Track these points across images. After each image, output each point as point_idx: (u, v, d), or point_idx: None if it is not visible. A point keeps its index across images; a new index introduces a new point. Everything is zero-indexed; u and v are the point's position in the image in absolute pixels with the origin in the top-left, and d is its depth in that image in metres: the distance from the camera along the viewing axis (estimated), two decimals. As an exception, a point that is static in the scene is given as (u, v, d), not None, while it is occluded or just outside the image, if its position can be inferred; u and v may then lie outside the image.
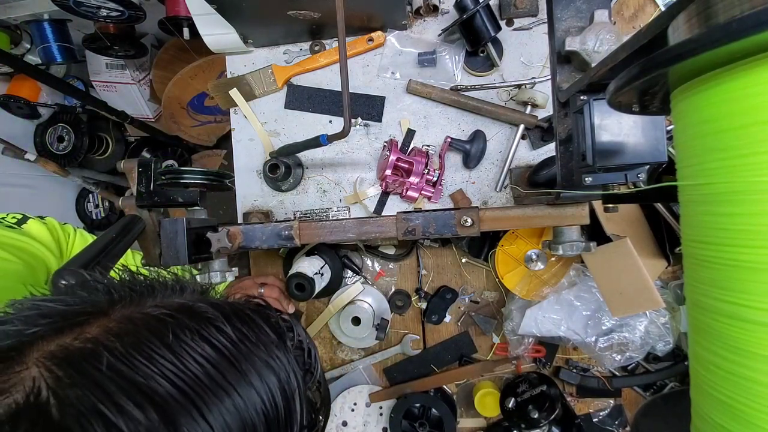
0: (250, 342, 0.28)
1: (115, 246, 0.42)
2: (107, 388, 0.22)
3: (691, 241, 0.27)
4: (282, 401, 0.27)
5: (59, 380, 0.22)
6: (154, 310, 0.27)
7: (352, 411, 0.85)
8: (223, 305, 0.29)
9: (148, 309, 0.27)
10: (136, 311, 0.27)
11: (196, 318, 0.27)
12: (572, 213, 0.57)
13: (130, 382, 0.23)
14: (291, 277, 0.72)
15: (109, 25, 1.09)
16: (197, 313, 0.27)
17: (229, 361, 0.26)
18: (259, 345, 0.28)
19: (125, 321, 0.26)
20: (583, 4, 0.44)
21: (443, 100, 0.75)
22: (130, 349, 0.24)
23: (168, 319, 0.26)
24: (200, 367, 0.25)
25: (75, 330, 0.25)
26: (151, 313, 0.27)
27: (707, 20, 0.22)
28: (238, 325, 0.28)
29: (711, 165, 0.24)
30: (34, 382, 0.22)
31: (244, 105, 0.79)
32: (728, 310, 0.24)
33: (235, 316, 0.28)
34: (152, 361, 0.24)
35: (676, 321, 0.72)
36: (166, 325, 0.26)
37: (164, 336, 0.25)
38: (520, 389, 0.77)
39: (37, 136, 1.38)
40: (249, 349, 0.27)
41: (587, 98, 0.41)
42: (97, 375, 0.23)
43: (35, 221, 0.65)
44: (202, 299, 0.30)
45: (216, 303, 0.29)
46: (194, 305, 0.28)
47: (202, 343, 0.26)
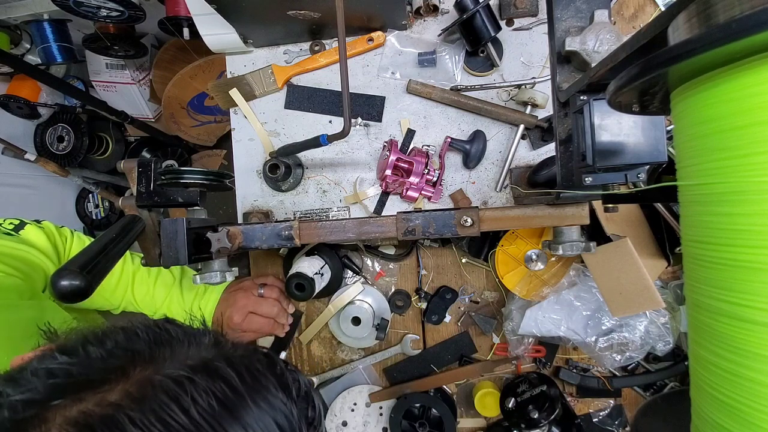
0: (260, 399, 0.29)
1: (115, 246, 0.42)
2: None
3: (691, 241, 0.27)
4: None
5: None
6: (173, 371, 0.28)
7: (352, 411, 0.85)
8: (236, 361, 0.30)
9: (167, 370, 0.28)
10: (155, 372, 0.28)
11: (211, 376, 0.28)
12: (572, 213, 0.57)
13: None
14: (291, 277, 0.72)
15: (109, 25, 1.08)
16: (213, 372, 0.29)
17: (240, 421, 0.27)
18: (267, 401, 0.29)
19: (145, 384, 0.27)
20: (583, 4, 0.44)
21: (443, 100, 0.75)
22: (150, 415, 0.25)
23: (185, 381, 0.27)
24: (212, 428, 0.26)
25: (96, 395, 0.26)
26: (170, 374, 0.27)
27: (707, 20, 0.22)
28: (249, 382, 0.29)
29: (711, 165, 0.24)
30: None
31: (244, 105, 0.79)
32: (728, 310, 0.24)
33: (247, 372, 0.30)
34: (169, 427, 0.25)
35: (676, 321, 0.72)
36: (184, 387, 0.27)
37: (182, 400, 0.26)
38: (520, 389, 0.77)
39: (37, 136, 1.38)
40: (258, 408, 0.29)
41: (587, 98, 0.41)
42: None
43: (32, 226, 0.64)
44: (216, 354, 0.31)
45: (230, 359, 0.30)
46: (210, 363, 0.29)
47: (215, 405, 0.27)
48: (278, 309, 0.77)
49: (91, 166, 1.46)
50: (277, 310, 0.77)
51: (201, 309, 0.75)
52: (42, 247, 0.63)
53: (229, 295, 0.76)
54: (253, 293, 0.77)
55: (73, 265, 0.35)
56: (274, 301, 0.77)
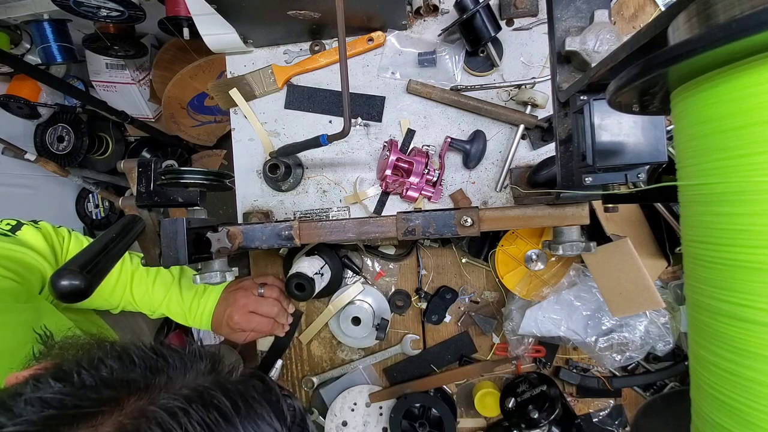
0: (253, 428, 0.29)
1: (115, 246, 0.42)
2: None
3: (691, 241, 0.27)
4: None
5: None
6: (167, 402, 0.28)
7: (352, 411, 0.85)
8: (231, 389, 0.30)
9: (162, 400, 0.28)
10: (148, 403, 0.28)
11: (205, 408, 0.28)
12: (572, 213, 0.57)
13: None
14: (291, 277, 0.72)
15: (109, 25, 1.09)
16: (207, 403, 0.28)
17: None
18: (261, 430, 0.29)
19: (138, 416, 0.27)
20: (583, 4, 0.44)
21: (443, 100, 0.75)
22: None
23: (179, 413, 0.27)
24: None
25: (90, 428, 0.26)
26: (164, 405, 0.27)
27: (707, 20, 0.22)
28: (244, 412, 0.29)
29: (711, 165, 0.24)
30: None
31: (244, 105, 0.79)
32: (728, 310, 0.24)
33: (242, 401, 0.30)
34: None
35: (676, 321, 0.72)
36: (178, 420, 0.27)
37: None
38: (520, 389, 0.77)
39: (37, 136, 1.38)
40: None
41: (587, 98, 0.41)
42: None
43: (29, 227, 0.64)
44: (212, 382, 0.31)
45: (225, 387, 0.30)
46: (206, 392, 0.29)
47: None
48: (278, 309, 0.77)
49: (91, 166, 1.46)
50: (277, 309, 0.77)
51: (200, 308, 0.75)
52: (39, 249, 0.63)
53: (229, 294, 0.76)
54: (253, 293, 0.76)
55: (73, 264, 0.35)
56: (274, 300, 0.77)
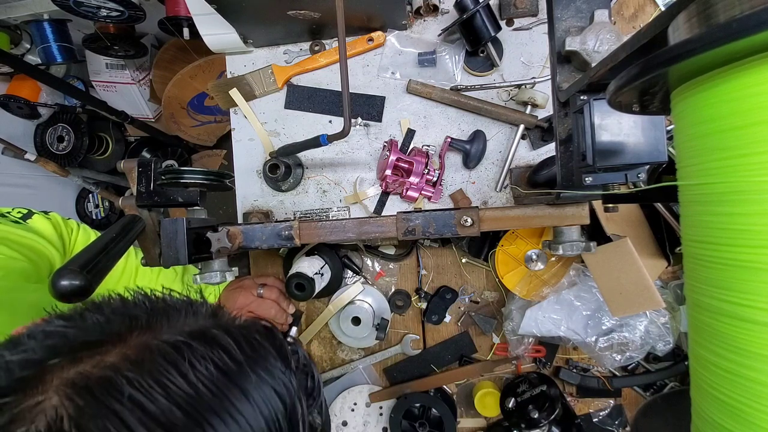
0: (259, 368, 0.29)
1: (115, 246, 0.42)
2: (128, 421, 0.23)
3: (691, 241, 0.27)
4: (286, 426, 0.28)
5: (80, 410, 0.23)
6: (170, 337, 0.28)
7: (352, 411, 0.85)
8: (234, 331, 0.30)
9: (165, 336, 0.28)
10: (152, 338, 0.28)
11: (209, 344, 0.28)
12: (572, 213, 0.57)
13: (149, 415, 0.24)
14: (291, 277, 0.72)
15: (109, 25, 1.08)
16: (211, 340, 0.28)
17: (239, 388, 0.27)
18: (267, 371, 0.29)
19: (142, 348, 0.27)
20: (583, 4, 0.44)
21: (443, 100, 0.75)
22: (148, 378, 0.25)
23: (183, 347, 0.27)
24: (211, 393, 0.26)
25: (94, 357, 0.26)
26: (167, 340, 0.27)
27: (707, 20, 0.22)
28: (248, 352, 0.29)
29: (711, 165, 0.24)
30: (56, 412, 0.23)
31: (244, 105, 0.79)
32: (728, 310, 0.24)
33: (245, 342, 0.30)
34: (168, 390, 0.25)
35: (676, 321, 0.72)
36: (182, 352, 0.27)
37: (180, 365, 0.26)
38: (520, 389, 0.77)
39: (37, 136, 1.38)
40: (258, 376, 0.29)
41: (587, 98, 0.41)
42: (117, 406, 0.23)
43: (40, 216, 0.65)
44: (214, 323, 0.31)
45: (228, 328, 0.30)
46: (208, 331, 0.29)
47: (214, 371, 0.27)
48: (276, 310, 0.78)
49: (91, 166, 1.46)
50: (275, 311, 0.77)
51: None
52: (48, 236, 0.64)
53: (229, 294, 0.76)
54: (252, 293, 0.77)
55: (74, 264, 0.35)
56: (273, 302, 0.78)
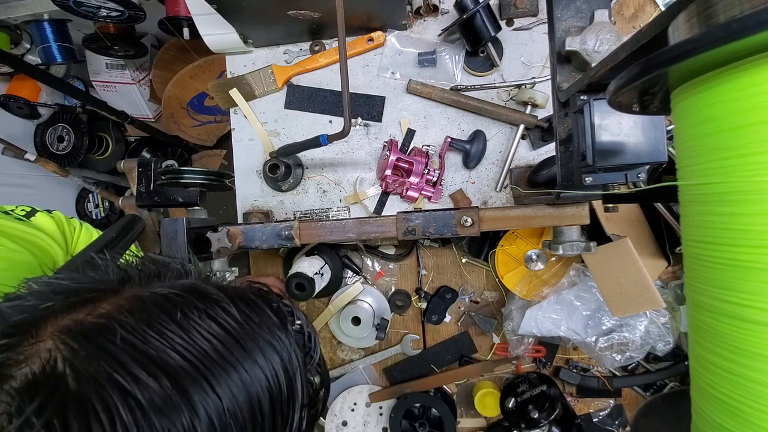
0: (253, 323, 0.29)
1: (115, 245, 0.42)
2: (122, 360, 0.23)
3: (691, 241, 0.27)
4: (285, 379, 0.28)
5: (74, 352, 0.23)
6: (163, 290, 0.28)
7: (352, 411, 0.85)
8: (227, 288, 0.30)
9: (157, 289, 0.28)
10: (145, 291, 0.28)
11: (202, 298, 0.28)
12: (572, 213, 0.57)
13: (143, 354, 0.24)
14: (291, 277, 0.72)
15: (109, 25, 1.08)
16: (204, 294, 0.29)
17: (235, 339, 0.27)
18: (262, 326, 0.29)
19: (135, 299, 0.27)
20: (583, 4, 0.44)
21: (443, 100, 0.75)
22: (142, 324, 0.25)
23: (176, 298, 0.27)
24: (208, 342, 0.26)
25: (87, 306, 0.26)
26: (159, 292, 0.28)
27: (707, 20, 0.22)
28: (242, 307, 0.29)
29: (711, 165, 0.24)
30: (50, 354, 0.23)
31: (244, 105, 0.79)
32: (728, 310, 0.24)
33: (239, 299, 0.30)
34: (163, 335, 0.25)
35: (676, 321, 0.72)
36: (175, 303, 0.27)
37: (173, 313, 0.26)
38: (520, 389, 0.77)
39: (37, 136, 1.38)
40: (253, 329, 0.28)
41: (587, 98, 0.41)
42: (111, 347, 0.24)
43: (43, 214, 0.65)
44: (207, 281, 0.31)
45: (221, 286, 0.31)
46: (200, 286, 0.29)
47: (209, 321, 0.27)
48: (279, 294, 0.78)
49: (91, 166, 1.46)
50: None
51: None
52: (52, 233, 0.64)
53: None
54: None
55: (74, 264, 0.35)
56: None
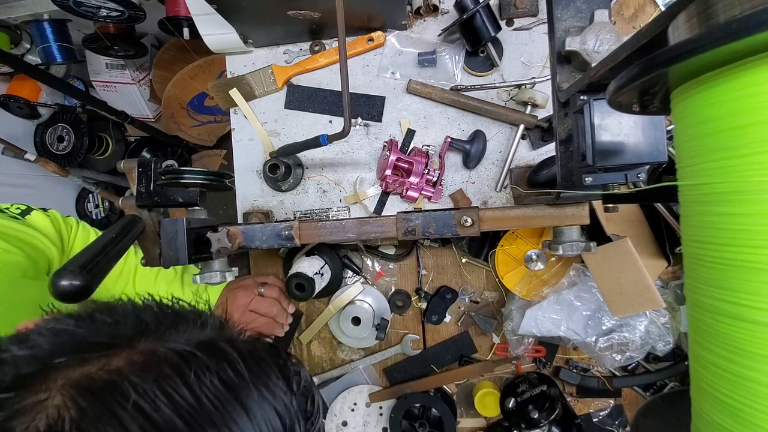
0: (262, 385, 0.29)
1: (114, 246, 0.42)
2: (130, 428, 0.23)
3: (691, 241, 0.27)
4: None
5: (83, 413, 0.23)
6: (178, 345, 0.27)
7: (352, 411, 0.85)
8: (240, 345, 0.30)
9: (172, 344, 0.28)
10: (161, 345, 0.27)
11: (216, 356, 0.28)
12: (572, 213, 0.57)
13: (151, 422, 0.24)
14: (291, 277, 0.72)
15: (109, 25, 1.08)
16: (218, 352, 0.28)
17: (241, 403, 0.27)
18: (269, 389, 0.29)
19: (150, 354, 0.26)
20: (583, 4, 0.44)
21: (443, 100, 0.75)
22: (153, 386, 0.25)
23: (190, 357, 0.27)
24: (214, 407, 0.26)
25: (101, 360, 0.26)
26: (175, 348, 0.27)
27: (707, 20, 0.22)
28: (253, 367, 0.29)
29: (711, 165, 0.24)
30: (59, 412, 0.23)
31: (244, 105, 0.79)
32: (728, 310, 0.24)
33: (250, 357, 0.29)
34: (172, 400, 0.25)
35: (676, 321, 0.72)
36: (189, 362, 0.26)
37: (186, 375, 0.26)
38: (520, 389, 0.77)
39: (37, 136, 1.38)
40: (260, 393, 0.28)
41: (587, 98, 0.41)
42: (120, 412, 0.23)
43: (39, 213, 0.65)
44: (221, 336, 0.31)
45: (234, 342, 0.30)
46: (215, 343, 0.29)
47: (219, 384, 0.27)
48: (277, 309, 0.77)
49: (91, 166, 1.46)
50: (276, 309, 0.77)
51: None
52: (47, 233, 0.64)
53: (229, 292, 0.76)
54: (253, 291, 0.77)
55: (74, 264, 0.35)
56: (274, 300, 0.77)
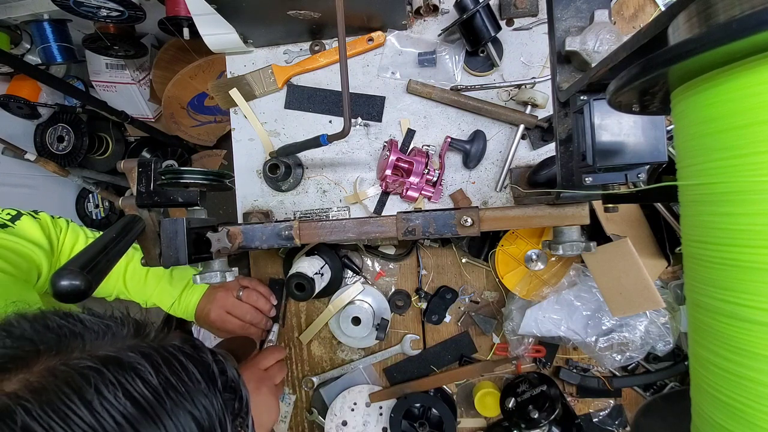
0: (175, 392, 0.28)
1: (115, 246, 0.42)
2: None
3: (691, 241, 0.27)
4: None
5: None
6: (80, 362, 0.26)
7: (352, 411, 0.85)
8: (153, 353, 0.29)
9: (74, 360, 0.26)
10: (60, 363, 0.26)
11: (122, 369, 0.27)
12: (572, 213, 0.57)
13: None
14: (291, 277, 0.72)
15: (109, 25, 1.08)
16: (125, 364, 0.27)
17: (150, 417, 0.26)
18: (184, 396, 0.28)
19: (47, 374, 0.25)
20: (583, 4, 0.44)
21: (443, 100, 0.75)
22: (47, 408, 0.23)
23: (91, 373, 0.26)
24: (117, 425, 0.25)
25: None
26: (76, 365, 0.26)
27: (707, 20, 0.22)
28: (166, 375, 0.28)
29: (711, 165, 0.24)
30: None
31: (244, 105, 0.79)
32: (728, 310, 0.24)
33: (165, 365, 0.28)
34: (68, 422, 0.24)
35: (676, 321, 0.72)
36: (89, 380, 0.25)
37: (85, 392, 0.25)
38: (520, 389, 0.77)
39: (37, 136, 1.38)
40: (173, 403, 0.27)
41: (587, 98, 0.41)
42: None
43: (28, 218, 0.65)
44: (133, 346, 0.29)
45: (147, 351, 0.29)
46: (123, 354, 0.28)
47: (123, 400, 0.25)
48: (252, 314, 0.78)
49: (91, 166, 1.46)
50: (250, 315, 0.78)
51: (186, 300, 0.76)
52: (35, 240, 0.64)
53: (211, 291, 0.77)
54: (233, 293, 0.77)
55: (74, 264, 0.35)
56: (250, 306, 0.78)
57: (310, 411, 0.88)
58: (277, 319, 0.86)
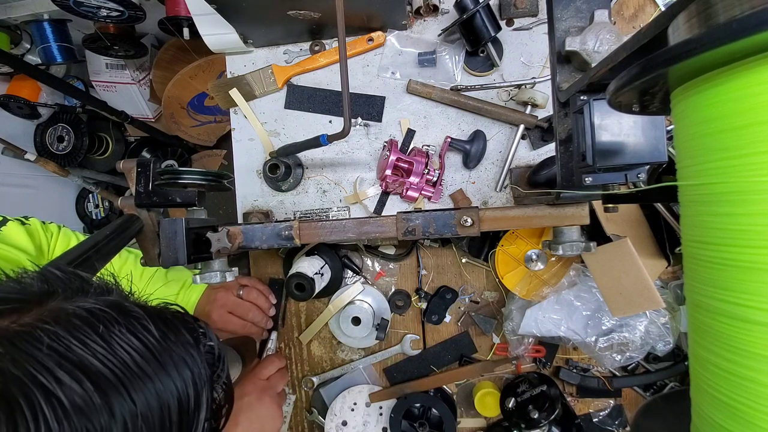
0: (170, 340, 0.31)
1: (107, 244, 0.42)
2: (46, 364, 0.25)
3: (691, 241, 0.27)
4: (193, 392, 0.31)
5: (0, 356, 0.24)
6: (86, 305, 0.29)
7: (352, 411, 0.85)
8: (147, 307, 0.33)
9: (81, 303, 0.29)
10: (69, 305, 0.29)
11: (124, 314, 0.30)
12: (572, 213, 0.57)
13: (67, 360, 0.25)
14: (291, 277, 0.72)
15: (109, 25, 1.08)
16: (126, 311, 0.30)
17: (152, 353, 0.29)
18: (177, 343, 0.32)
19: (59, 311, 0.28)
20: (583, 4, 0.44)
21: (443, 100, 0.75)
22: (66, 333, 0.26)
23: (99, 313, 0.29)
24: (128, 354, 0.28)
25: (12, 315, 0.27)
26: (83, 306, 0.29)
27: (707, 20, 0.22)
28: (160, 325, 0.31)
29: (711, 165, 0.24)
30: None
31: (244, 105, 0.79)
32: (728, 310, 0.24)
33: (158, 317, 0.32)
34: (85, 345, 0.26)
35: (676, 321, 0.72)
36: (98, 317, 0.28)
37: (96, 326, 0.28)
38: (520, 389, 0.77)
39: (37, 136, 1.38)
40: (169, 346, 0.31)
41: (587, 98, 0.41)
42: (36, 352, 0.25)
43: (15, 224, 0.65)
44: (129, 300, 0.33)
45: (141, 305, 0.33)
46: (123, 304, 0.31)
47: (129, 336, 0.29)
48: (254, 313, 0.78)
49: (91, 166, 1.46)
50: (252, 314, 0.78)
51: (185, 300, 0.76)
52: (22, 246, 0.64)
53: (211, 291, 0.77)
54: (233, 293, 0.77)
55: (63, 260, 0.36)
56: (251, 305, 0.78)
57: (310, 411, 0.88)
58: (276, 326, 0.86)
